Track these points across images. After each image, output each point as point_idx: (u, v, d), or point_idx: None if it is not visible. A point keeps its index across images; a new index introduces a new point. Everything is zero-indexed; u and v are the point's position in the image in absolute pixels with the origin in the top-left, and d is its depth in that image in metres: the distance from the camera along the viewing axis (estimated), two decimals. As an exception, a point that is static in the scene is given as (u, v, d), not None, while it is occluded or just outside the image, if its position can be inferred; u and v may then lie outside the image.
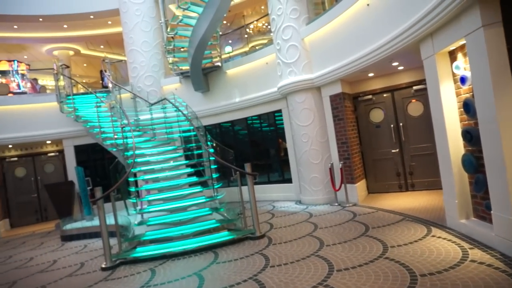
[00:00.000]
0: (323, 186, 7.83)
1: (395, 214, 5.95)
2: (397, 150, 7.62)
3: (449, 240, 4.25)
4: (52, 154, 12.16)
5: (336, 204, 7.44)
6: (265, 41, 14.20)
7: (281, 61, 8.06)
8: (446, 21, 4.04)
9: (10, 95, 12.10)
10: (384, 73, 7.48)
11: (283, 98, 8.72)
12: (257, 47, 12.92)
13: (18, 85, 12.98)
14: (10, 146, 11.33)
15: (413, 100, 7.49)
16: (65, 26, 13.04)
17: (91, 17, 12.43)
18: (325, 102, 7.78)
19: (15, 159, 11.80)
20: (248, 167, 5.79)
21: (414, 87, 7.41)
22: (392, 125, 7.66)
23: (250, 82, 9.48)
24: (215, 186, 7.13)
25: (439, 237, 4.42)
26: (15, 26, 12.57)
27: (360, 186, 7.56)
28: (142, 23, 10.73)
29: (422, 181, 7.48)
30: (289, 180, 9.13)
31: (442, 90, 4.49)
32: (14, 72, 13.14)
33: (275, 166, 9.80)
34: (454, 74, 4.44)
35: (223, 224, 6.14)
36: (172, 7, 11.05)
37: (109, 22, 13.10)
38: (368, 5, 5.89)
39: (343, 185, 7.36)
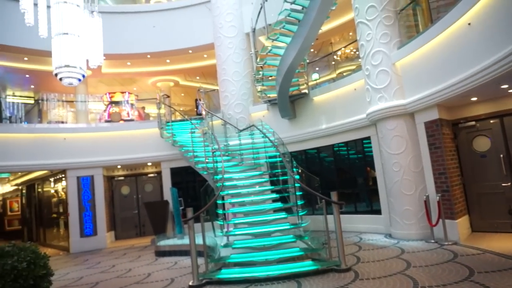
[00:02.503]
0: (417, 220, 7.17)
1: (507, 258, 5.13)
2: (509, 183, 6.65)
3: None
4: (152, 175, 13.41)
5: (433, 241, 6.72)
6: (353, 67, 13.96)
7: (370, 87, 7.82)
8: None
9: (121, 122, 13.84)
10: (490, 97, 6.71)
11: (372, 125, 8.38)
12: (344, 74, 12.77)
13: (128, 113, 14.77)
14: (119, 166, 12.84)
15: (528, 127, 6.54)
16: (167, 60, 14.61)
17: (190, 51, 13.72)
18: (419, 129, 7.24)
19: (122, 178, 13.30)
20: (334, 196, 5.62)
21: (530, 112, 6.48)
22: (501, 155, 6.75)
23: (337, 108, 9.35)
24: (300, 213, 7.04)
25: None
26: (128, 63, 14.50)
27: (462, 223, 6.73)
28: (234, 54, 11.48)
29: (543, 221, 6.37)
30: (378, 211, 8.58)
31: None
32: (125, 102, 15.04)
33: (362, 195, 9.33)
34: None
35: (307, 253, 5.99)
36: (262, 38, 11.63)
37: (205, 55, 14.29)
38: (469, 24, 5.43)
39: (440, 220, 6.64)
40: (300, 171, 8.11)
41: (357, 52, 10.93)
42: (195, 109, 17.32)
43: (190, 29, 13.12)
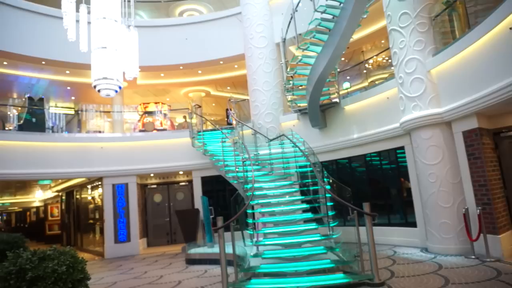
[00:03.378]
0: (456, 234, 6.84)
1: (557, 277, 4.78)
2: (558, 197, 6.22)
3: None
4: (183, 183, 13.66)
5: (473, 257, 6.36)
6: (385, 76, 13.67)
7: (403, 95, 7.61)
8: None
9: (154, 131, 14.25)
10: (535, 105, 6.35)
11: (406, 134, 8.13)
12: (376, 82, 12.52)
13: (161, 123, 15.19)
14: (152, 175, 13.19)
15: None
16: (199, 71, 14.95)
17: (221, 62, 13.98)
18: (456, 138, 6.95)
19: (155, 186, 13.64)
20: (366, 207, 5.48)
21: None
22: (548, 167, 6.34)
23: (369, 117, 9.16)
24: (331, 224, 6.90)
25: None
26: (162, 74, 14.97)
27: (506, 238, 6.33)
28: (264, 65, 11.57)
29: None
30: (413, 224, 8.26)
31: None
32: (158, 112, 15.50)
33: (396, 207, 9.03)
34: None
35: (338, 265, 5.85)
36: (292, 48, 11.66)
37: (236, 66, 14.50)
38: (510, 28, 5.19)
39: (481, 235, 6.29)
40: (331, 181, 7.97)
41: (390, 60, 10.70)
42: (226, 119, 17.55)
43: (221, 40, 13.39)
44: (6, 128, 13.43)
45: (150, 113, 15.50)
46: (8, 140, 10.80)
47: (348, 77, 14.90)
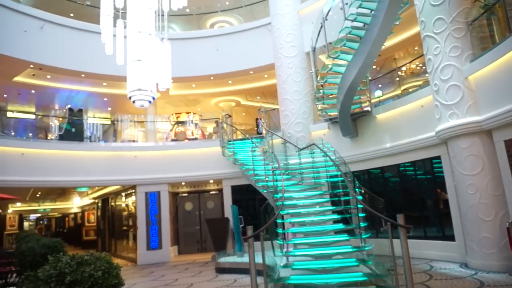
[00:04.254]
0: (499, 250, 6.45)
1: None
2: None
3: None
4: (213, 192, 13.80)
5: (519, 274, 5.98)
6: (419, 83, 13.28)
7: (439, 103, 7.35)
8: None
9: (186, 140, 14.55)
10: None
11: (442, 144, 7.82)
12: (410, 90, 12.19)
13: (192, 133, 15.50)
14: (183, 183, 13.44)
15: None
16: (229, 81, 15.18)
17: (251, 72, 14.13)
18: (498, 148, 6.60)
19: (186, 194, 13.87)
20: (400, 219, 5.28)
21: None
22: None
23: (403, 126, 8.90)
24: (363, 236, 6.72)
25: None
26: (193, 85, 15.33)
27: (555, 255, 5.91)
28: (294, 74, 11.58)
29: None
30: (450, 238, 7.88)
31: None
32: (190, 122, 15.84)
33: (432, 219, 8.66)
34: None
35: (371, 279, 5.67)
36: (322, 57, 11.60)
37: (265, 76, 14.60)
38: (556, 32, 4.91)
39: (528, 250, 5.90)
40: (363, 191, 7.78)
41: (424, 67, 10.40)
42: (256, 128, 17.64)
43: (251, 50, 13.55)
44: (49, 138, 14.18)
45: (181, 123, 15.87)
46: (50, 149, 11.39)
47: (380, 85, 14.60)
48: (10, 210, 19.63)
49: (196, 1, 15.76)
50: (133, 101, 7.20)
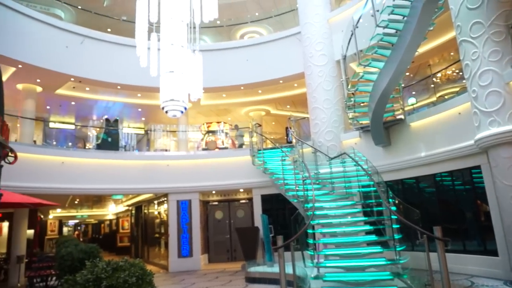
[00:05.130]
0: (547, 266, 6.02)
1: None
2: None
3: None
4: (243, 201, 13.84)
5: None
6: (456, 89, 12.79)
7: (478, 110, 7.03)
8: None
9: (216, 150, 14.74)
10: None
11: (482, 153, 7.45)
12: (446, 97, 11.76)
13: (223, 142, 15.69)
14: (213, 192, 13.58)
15: None
16: (259, 91, 15.29)
17: (281, 81, 14.17)
18: (544, 157, 6.21)
19: (216, 203, 14.01)
20: (438, 231, 5.06)
21: None
22: None
23: (439, 134, 8.58)
24: (398, 249, 6.48)
25: None
26: (224, 95, 15.57)
27: None
28: (324, 82, 11.50)
29: None
30: (493, 252, 7.45)
31: None
32: (220, 131, 16.06)
33: (472, 232, 8.23)
34: None
35: (406, 294, 5.45)
36: (353, 65, 11.45)
37: (295, 85, 14.59)
38: None
39: None
40: (396, 202, 7.54)
41: (460, 73, 10.02)
42: (286, 137, 17.60)
43: (281, 60, 13.60)
44: (87, 147, 14.84)
45: (212, 132, 16.11)
46: (88, 157, 11.92)
47: (413, 93, 14.19)
48: (51, 216, 20.62)
49: (227, 13, 16.11)
50: (166, 111, 7.41)
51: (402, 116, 9.54)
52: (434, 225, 5.22)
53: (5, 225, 12.67)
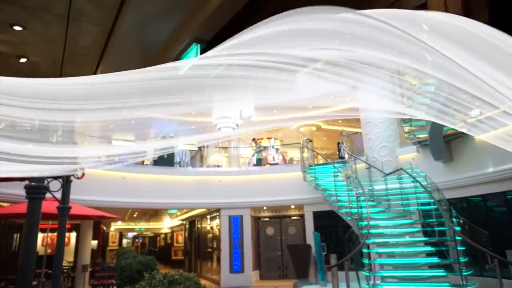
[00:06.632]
0: None
1: None
2: None
3: None
4: (295, 217, 13.66)
5: None
6: (527, 99, 11.72)
7: (555, 122, 6.36)
8: None
9: (267, 165, 14.81)
10: None
11: (561, 168, 6.71)
12: (515, 107, 10.80)
13: (273, 158, 15.73)
14: (264, 208, 13.59)
15: None
16: (310, 106, 15.20)
17: (331, 96, 14.00)
18: None
19: (267, 219, 13.97)
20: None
21: None
22: None
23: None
24: (464, 273, 5.97)
25: None
26: (274, 111, 15.69)
27: None
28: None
29: None
30: None
31: None
32: (271, 147, 16.14)
33: (553, 258, 7.33)
34: None
35: (476, 324, 4.97)
36: (408, 77, 11.01)
37: (347, 99, 14.32)
38: None
39: None
40: (461, 221, 6.99)
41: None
42: (338, 153, 17.20)
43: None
44: (145, 163, 15.68)
45: (264, 148, 16.24)
46: (146, 173, 12.57)
47: (477, 104, 13.23)
48: (112, 228, 21.92)
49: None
50: (219, 128, 7.64)
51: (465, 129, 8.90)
52: (506, 248, 4.74)
53: (73, 235, 13.68)
